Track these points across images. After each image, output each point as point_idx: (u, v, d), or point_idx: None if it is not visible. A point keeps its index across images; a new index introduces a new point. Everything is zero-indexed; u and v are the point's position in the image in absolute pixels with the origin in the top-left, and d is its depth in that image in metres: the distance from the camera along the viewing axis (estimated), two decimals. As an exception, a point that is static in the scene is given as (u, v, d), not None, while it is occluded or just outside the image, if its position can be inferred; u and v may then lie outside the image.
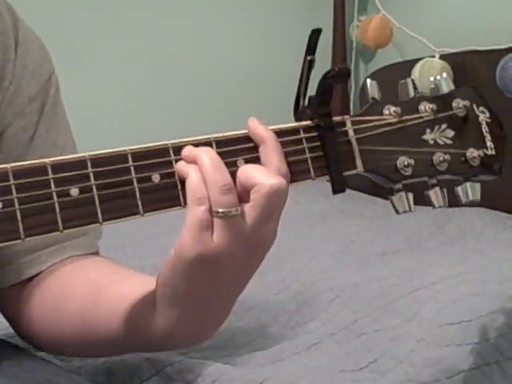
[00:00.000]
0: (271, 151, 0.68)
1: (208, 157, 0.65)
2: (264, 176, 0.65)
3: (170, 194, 0.66)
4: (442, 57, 2.02)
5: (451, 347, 1.02)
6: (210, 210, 0.64)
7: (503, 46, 1.85)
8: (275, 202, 0.65)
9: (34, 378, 0.79)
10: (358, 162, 0.73)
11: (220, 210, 0.64)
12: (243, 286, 0.73)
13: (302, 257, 1.44)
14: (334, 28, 2.37)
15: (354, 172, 0.74)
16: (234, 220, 0.64)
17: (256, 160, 0.68)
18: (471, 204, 0.78)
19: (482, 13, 2.12)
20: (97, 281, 0.83)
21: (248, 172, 0.66)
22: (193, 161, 0.66)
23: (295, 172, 0.70)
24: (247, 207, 0.65)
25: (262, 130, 0.68)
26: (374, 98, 0.75)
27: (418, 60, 2.04)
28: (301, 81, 0.74)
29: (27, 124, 0.85)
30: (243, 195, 0.66)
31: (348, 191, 2.32)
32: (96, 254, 0.90)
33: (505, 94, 1.72)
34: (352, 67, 2.46)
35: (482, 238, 1.55)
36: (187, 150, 0.66)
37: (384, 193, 0.76)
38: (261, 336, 1.16)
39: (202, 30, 2.32)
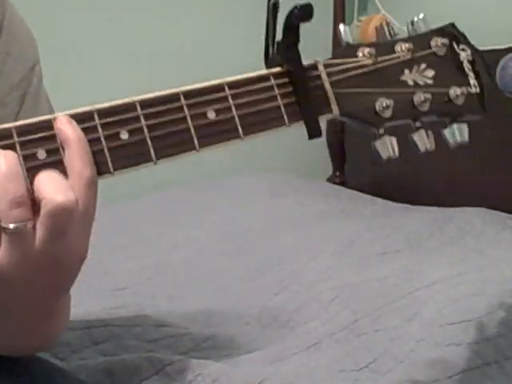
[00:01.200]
0: (73, 154, 0.62)
1: (5, 164, 0.59)
2: (52, 191, 0.59)
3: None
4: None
5: (451, 347, 1.02)
6: None
7: (503, 46, 1.85)
8: (62, 220, 0.59)
9: (33, 377, 0.79)
10: (334, 106, 0.70)
11: (8, 226, 0.59)
12: (49, 309, 0.68)
13: (302, 257, 1.44)
14: (333, 28, 2.37)
15: (330, 116, 0.70)
16: (22, 236, 0.59)
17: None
18: (460, 147, 0.75)
19: (482, 13, 2.12)
20: None
21: (41, 181, 0.60)
22: None
23: (269, 120, 0.69)
24: (37, 223, 0.60)
25: (67, 130, 0.63)
26: (347, 43, 0.74)
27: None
28: (268, 26, 0.72)
29: (8, 114, 0.83)
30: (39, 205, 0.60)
31: (348, 191, 2.32)
32: None
33: (505, 94, 1.72)
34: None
35: (481, 238, 1.55)
36: None
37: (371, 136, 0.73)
38: (261, 336, 1.16)
39: (202, 29, 2.32)
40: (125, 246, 1.58)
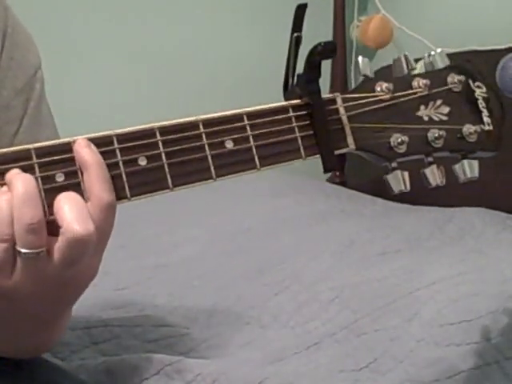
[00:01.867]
0: (93, 178, 0.63)
1: (22, 186, 0.60)
2: (72, 220, 0.60)
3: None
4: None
5: (451, 347, 1.02)
6: (13, 248, 0.59)
7: (503, 46, 1.85)
8: (78, 251, 0.60)
9: (33, 377, 0.79)
10: (350, 140, 0.71)
11: (23, 251, 0.59)
12: (57, 317, 0.70)
13: (302, 257, 1.44)
14: (334, 28, 2.37)
15: (345, 150, 0.71)
16: (37, 261, 0.60)
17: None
18: (469, 182, 0.76)
19: (482, 13, 2.12)
20: None
21: (61, 205, 0.61)
22: (10, 188, 0.60)
23: (286, 152, 0.69)
24: (53, 248, 0.60)
25: (86, 154, 0.63)
26: (365, 75, 0.74)
27: (417, 60, 2.03)
28: (289, 59, 0.73)
29: (12, 118, 0.84)
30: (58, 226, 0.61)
31: (348, 191, 2.32)
32: None
33: (505, 94, 1.72)
34: (352, 67, 2.45)
35: (481, 238, 1.55)
36: (10, 174, 0.61)
37: (382, 171, 0.74)
38: (261, 336, 1.16)
39: (202, 29, 2.32)
40: (125, 245, 1.58)
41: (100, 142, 0.64)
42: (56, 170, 0.63)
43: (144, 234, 1.68)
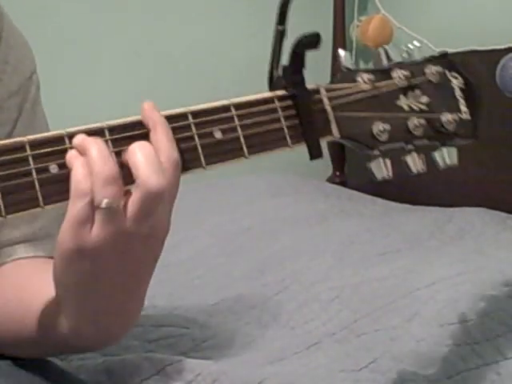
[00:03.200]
0: (162, 136, 0.66)
1: (95, 147, 0.63)
2: (146, 174, 0.63)
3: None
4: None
5: (451, 347, 1.02)
6: (92, 204, 0.63)
7: (503, 46, 1.85)
8: (153, 203, 0.64)
9: (32, 377, 0.79)
10: (334, 129, 0.74)
11: (102, 203, 0.63)
12: (141, 280, 0.72)
13: (302, 257, 1.44)
14: (333, 28, 2.37)
15: (330, 138, 0.74)
16: (115, 214, 0.63)
17: None
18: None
19: (482, 13, 2.12)
20: (22, 281, 0.83)
21: (134, 160, 0.64)
22: (82, 152, 0.64)
23: (273, 140, 0.71)
24: (128, 202, 0.64)
25: (154, 115, 0.67)
26: (347, 68, 0.76)
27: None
28: (274, 51, 0.76)
29: (5, 119, 0.85)
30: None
31: (348, 191, 2.32)
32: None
33: (505, 94, 1.72)
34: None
35: (481, 238, 1.55)
36: (78, 140, 0.65)
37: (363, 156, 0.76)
38: (261, 336, 1.16)
39: (202, 29, 2.32)
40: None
41: (92, 134, 0.66)
42: (50, 161, 0.64)
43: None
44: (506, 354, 1.04)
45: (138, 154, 0.64)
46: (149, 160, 0.64)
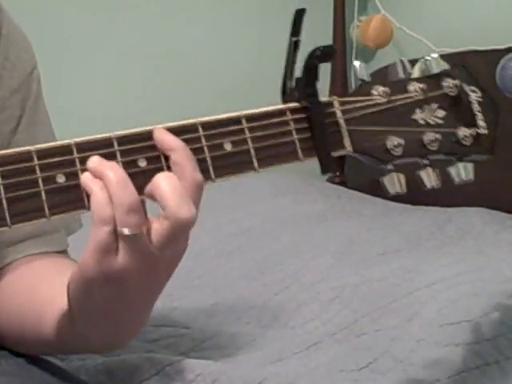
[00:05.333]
0: (184, 159, 0.65)
1: (113, 174, 0.63)
2: (176, 204, 0.63)
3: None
4: (442, 57, 2.02)
5: (451, 347, 1.02)
6: (115, 230, 0.62)
7: (503, 46, 1.85)
8: (182, 231, 0.64)
9: (32, 377, 0.79)
10: (347, 143, 0.72)
11: (125, 231, 0.62)
12: (155, 296, 0.72)
13: (302, 257, 1.44)
14: (333, 28, 2.37)
15: (342, 152, 0.73)
16: (139, 241, 0.63)
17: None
18: (464, 184, 0.77)
19: (481, 13, 2.12)
20: (34, 281, 0.84)
21: (161, 192, 0.63)
22: (99, 176, 0.63)
23: (284, 154, 0.70)
24: (153, 229, 0.64)
25: (170, 138, 0.66)
26: (362, 80, 0.75)
27: (414, 62, 2.03)
28: (287, 63, 0.74)
29: (8, 117, 0.85)
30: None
31: (348, 191, 2.32)
32: (64, 252, 0.90)
33: (505, 94, 1.72)
34: (352, 67, 2.45)
35: (481, 238, 1.55)
36: (93, 163, 0.64)
37: (375, 174, 0.75)
38: (261, 336, 1.16)
39: (202, 29, 2.32)
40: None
41: (99, 146, 0.65)
42: (57, 170, 0.63)
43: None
44: (506, 353, 1.04)
45: (164, 184, 0.63)
46: (176, 190, 0.63)
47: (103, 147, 0.65)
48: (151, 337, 1.11)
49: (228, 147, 0.68)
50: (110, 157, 0.65)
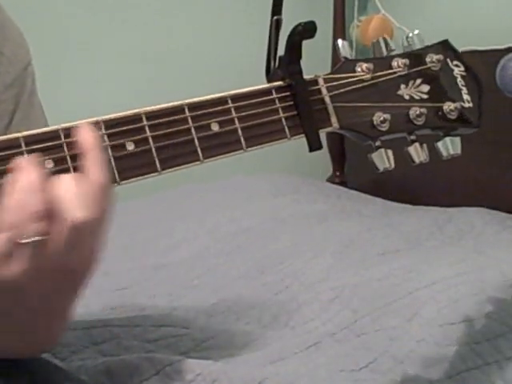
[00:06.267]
0: (92, 161, 0.63)
1: (25, 178, 0.60)
2: (72, 206, 0.60)
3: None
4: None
5: (451, 347, 1.02)
6: (13, 238, 0.59)
7: (503, 46, 1.85)
8: (79, 235, 0.61)
9: (31, 377, 0.79)
10: (333, 119, 0.73)
11: (24, 240, 0.59)
12: (63, 307, 0.69)
13: (302, 257, 1.44)
14: (333, 28, 2.37)
15: (329, 129, 0.73)
16: (37, 249, 0.60)
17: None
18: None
19: (482, 13, 2.12)
20: None
21: (60, 191, 0.60)
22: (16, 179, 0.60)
23: (271, 132, 0.70)
24: (52, 235, 0.60)
25: (89, 138, 0.63)
26: (345, 58, 0.75)
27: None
28: (270, 42, 0.74)
29: (2, 112, 0.84)
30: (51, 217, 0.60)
31: (348, 191, 2.31)
32: None
33: (505, 94, 1.72)
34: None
35: (481, 237, 1.55)
36: (15, 163, 0.61)
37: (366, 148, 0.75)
38: (261, 336, 1.16)
39: (202, 29, 2.32)
40: (125, 246, 1.58)
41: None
42: (45, 157, 0.63)
43: (144, 234, 1.68)
44: (506, 353, 1.04)
45: (60, 188, 0.60)
46: (71, 193, 0.60)
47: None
48: (151, 337, 1.11)
49: (215, 128, 0.69)
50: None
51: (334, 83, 0.73)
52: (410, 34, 0.78)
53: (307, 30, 0.71)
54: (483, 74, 0.82)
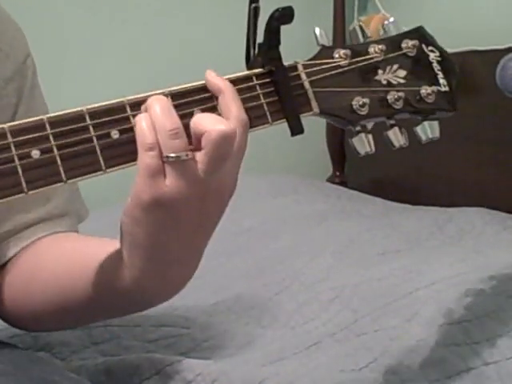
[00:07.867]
0: (230, 100, 0.68)
1: (157, 103, 0.66)
2: (212, 123, 0.65)
3: (131, 148, 0.66)
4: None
5: (451, 347, 1.02)
6: (161, 156, 0.65)
7: (503, 46, 1.85)
8: (224, 147, 0.65)
9: (30, 376, 0.79)
10: (314, 104, 0.74)
11: (170, 155, 0.64)
12: (206, 235, 0.74)
13: (302, 257, 1.44)
14: (333, 28, 2.37)
15: (310, 114, 0.74)
16: (186, 165, 0.65)
17: (212, 110, 0.69)
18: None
19: (482, 13, 2.12)
20: (68, 248, 0.84)
21: (198, 121, 0.66)
22: (145, 110, 0.67)
23: (252, 118, 0.71)
24: (199, 153, 0.65)
25: (220, 81, 0.70)
26: (323, 45, 0.77)
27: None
28: (248, 30, 0.77)
29: (5, 105, 0.85)
30: (197, 144, 0.66)
31: (348, 191, 2.32)
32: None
33: (505, 94, 1.72)
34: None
35: (481, 238, 1.55)
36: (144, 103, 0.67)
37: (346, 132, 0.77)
38: (261, 336, 1.16)
39: (202, 29, 2.32)
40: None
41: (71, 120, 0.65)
42: (32, 147, 0.63)
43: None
44: (506, 353, 1.04)
45: (200, 115, 0.66)
46: (209, 115, 0.66)
47: (76, 122, 0.65)
48: (151, 337, 1.11)
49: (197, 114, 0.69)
50: (82, 130, 0.66)
51: (314, 69, 0.75)
52: (386, 22, 0.80)
53: (285, 15, 0.72)
54: (483, 74, 0.83)
